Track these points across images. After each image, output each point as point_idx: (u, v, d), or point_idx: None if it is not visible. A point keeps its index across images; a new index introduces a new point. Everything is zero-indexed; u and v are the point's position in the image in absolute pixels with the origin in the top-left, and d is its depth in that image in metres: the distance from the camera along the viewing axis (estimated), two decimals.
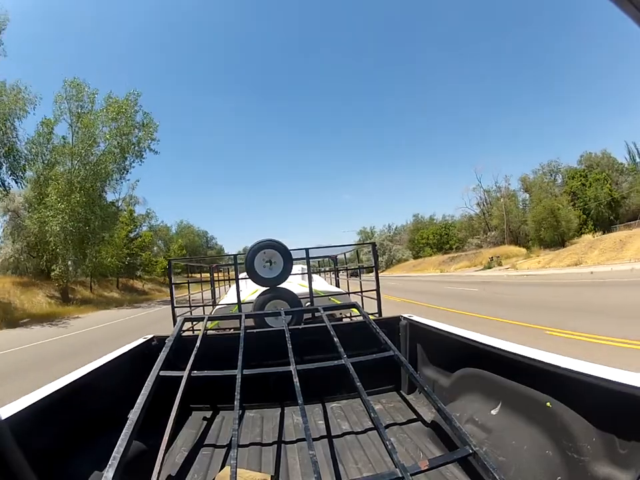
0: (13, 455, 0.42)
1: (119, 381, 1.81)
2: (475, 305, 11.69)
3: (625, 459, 0.99)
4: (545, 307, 12.05)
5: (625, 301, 10.68)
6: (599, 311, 9.71)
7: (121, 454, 1.10)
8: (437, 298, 14.69)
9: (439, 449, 1.59)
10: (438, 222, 56.22)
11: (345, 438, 1.77)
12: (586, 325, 7.75)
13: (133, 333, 4.85)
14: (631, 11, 0.44)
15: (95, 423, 1.54)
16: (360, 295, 3.81)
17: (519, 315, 9.83)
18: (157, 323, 12.65)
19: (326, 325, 2.17)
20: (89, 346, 9.13)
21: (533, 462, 1.21)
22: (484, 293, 16.50)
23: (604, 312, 9.49)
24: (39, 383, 1.44)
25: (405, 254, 59.67)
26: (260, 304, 3.14)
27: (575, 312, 10.28)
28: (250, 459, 1.61)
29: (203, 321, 2.50)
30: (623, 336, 6.15)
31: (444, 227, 54.16)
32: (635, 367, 1.73)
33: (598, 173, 35.12)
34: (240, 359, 1.81)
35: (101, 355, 1.87)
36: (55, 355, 8.56)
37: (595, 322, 8.06)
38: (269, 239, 3.24)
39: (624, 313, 8.98)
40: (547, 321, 8.69)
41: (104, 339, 10.10)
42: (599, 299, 11.95)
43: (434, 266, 48.44)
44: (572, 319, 9.09)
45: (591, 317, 9.14)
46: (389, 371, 2.21)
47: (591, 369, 1.14)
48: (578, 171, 37.12)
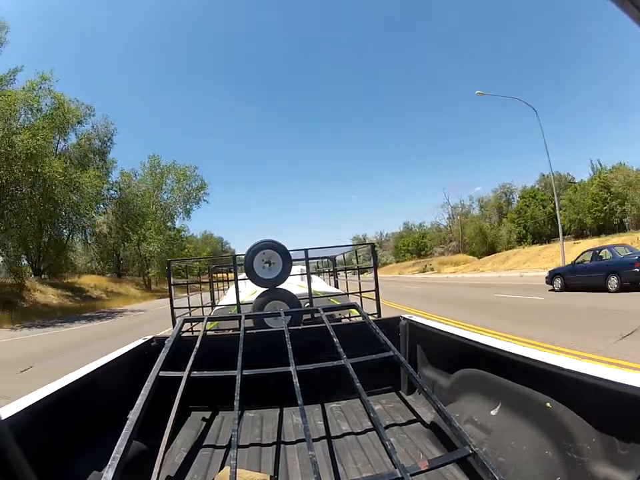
0: (12, 455, 0.42)
1: (119, 382, 1.81)
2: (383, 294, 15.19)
3: (624, 460, 0.99)
4: (425, 296, 16.25)
5: (481, 297, 13.70)
6: (454, 302, 12.61)
7: (120, 454, 1.10)
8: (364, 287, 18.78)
9: (439, 449, 1.59)
10: (424, 229, 63.68)
11: (344, 438, 1.77)
12: (438, 309, 10.35)
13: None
14: (631, 10, 0.44)
15: (95, 423, 1.54)
16: (358, 296, 3.81)
17: (398, 299, 13.24)
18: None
19: (325, 326, 2.17)
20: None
21: (533, 462, 1.21)
22: (399, 287, 21.53)
23: (457, 303, 12.29)
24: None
25: (389, 259, 67.12)
26: (259, 305, 3.14)
27: (437, 300, 14.02)
28: (249, 460, 1.61)
29: (202, 322, 2.50)
30: (463, 319, 8.16)
31: (421, 236, 62.34)
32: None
33: (543, 193, 41.09)
34: (239, 360, 1.81)
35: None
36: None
37: (446, 308, 10.62)
38: (268, 240, 3.24)
39: (476, 304, 11.63)
40: (413, 304, 12.06)
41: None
42: (465, 294, 15.44)
43: (399, 269, 55.47)
44: (430, 304, 12.30)
45: (445, 305, 11.98)
46: (389, 371, 2.21)
47: (590, 369, 1.14)
48: (527, 191, 43.62)
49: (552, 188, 33.19)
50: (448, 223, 56.37)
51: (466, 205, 51.32)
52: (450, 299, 14.01)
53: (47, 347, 9.31)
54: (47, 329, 13.79)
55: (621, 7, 0.45)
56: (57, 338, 11.33)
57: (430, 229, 60.92)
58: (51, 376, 1.59)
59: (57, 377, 1.50)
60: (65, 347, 9.17)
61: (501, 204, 46.91)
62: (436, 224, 58.93)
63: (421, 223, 64.09)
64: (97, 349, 6.88)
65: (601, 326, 6.57)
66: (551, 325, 7.13)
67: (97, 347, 8.15)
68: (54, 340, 10.77)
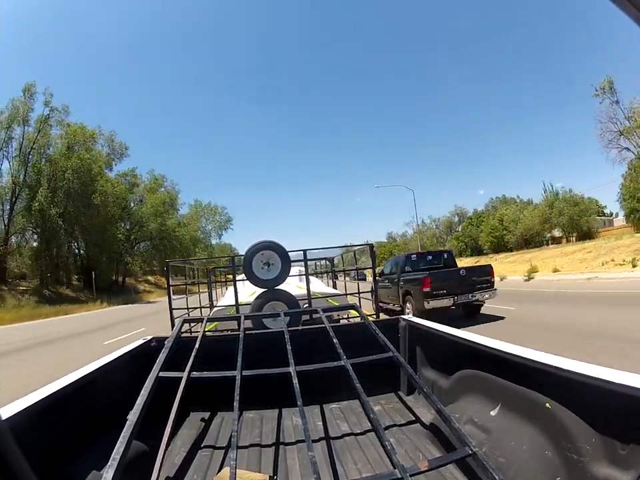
0: (12, 455, 0.42)
1: (119, 382, 1.81)
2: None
3: (624, 460, 0.99)
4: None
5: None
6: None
7: (120, 454, 1.10)
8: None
9: (439, 449, 1.58)
10: (406, 238, 67.10)
11: (344, 439, 1.77)
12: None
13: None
14: (631, 11, 0.44)
15: (95, 424, 1.54)
16: (356, 296, 3.81)
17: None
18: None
19: (325, 327, 2.17)
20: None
21: (533, 463, 1.21)
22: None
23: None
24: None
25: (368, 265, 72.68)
26: (258, 306, 3.13)
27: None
28: (249, 460, 1.61)
29: (202, 322, 2.50)
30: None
31: (394, 247, 65.96)
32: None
33: (483, 215, 50.03)
34: (239, 361, 1.80)
35: None
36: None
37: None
38: (266, 240, 3.24)
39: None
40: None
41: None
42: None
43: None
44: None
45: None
46: (388, 372, 2.21)
47: (590, 369, 1.14)
48: (475, 214, 53.23)
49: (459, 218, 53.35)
50: (412, 236, 64.15)
51: (427, 223, 59.84)
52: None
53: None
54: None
55: (620, 7, 0.46)
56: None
57: (402, 241, 67.33)
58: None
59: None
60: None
61: (451, 223, 57.77)
62: (404, 238, 66.37)
63: (403, 232, 68.96)
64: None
65: None
66: None
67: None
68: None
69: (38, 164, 28.32)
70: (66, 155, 28.62)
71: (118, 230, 34.46)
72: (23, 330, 13.97)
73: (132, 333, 9.99)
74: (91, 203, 29.24)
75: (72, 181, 28.14)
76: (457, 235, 53.59)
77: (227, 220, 50.71)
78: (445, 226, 57.87)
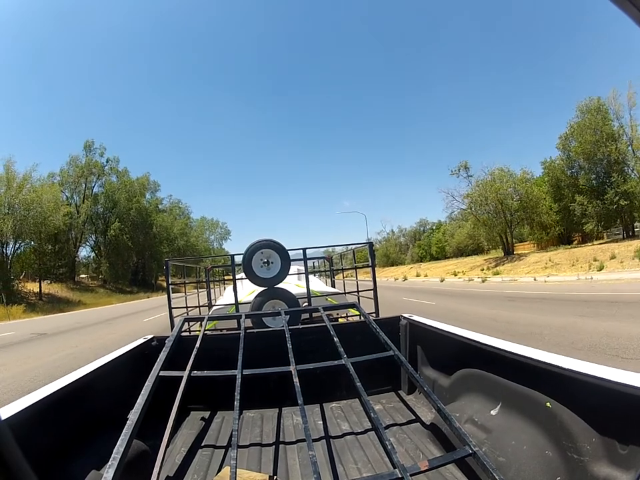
0: (12, 455, 0.42)
1: (119, 381, 1.81)
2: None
3: (624, 460, 0.99)
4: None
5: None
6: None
7: (120, 454, 1.10)
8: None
9: (439, 449, 1.58)
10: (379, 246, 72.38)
11: (344, 438, 1.77)
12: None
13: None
14: (631, 10, 0.44)
15: (95, 423, 1.54)
16: (356, 295, 3.80)
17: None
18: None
19: (325, 325, 2.17)
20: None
21: (533, 462, 1.20)
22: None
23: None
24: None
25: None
26: (258, 304, 3.13)
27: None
28: (249, 460, 1.61)
29: (202, 321, 2.49)
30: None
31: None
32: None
33: (442, 226, 56.34)
34: (240, 360, 1.80)
35: None
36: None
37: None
38: (266, 239, 3.23)
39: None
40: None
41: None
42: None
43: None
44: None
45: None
46: (389, 371, 2.21)
47: (590, 369, 1.14)
48: (436, 225, 60.20)
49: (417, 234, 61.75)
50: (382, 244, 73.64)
51: (395, 232, 69.01)
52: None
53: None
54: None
55: (620, 7, 0.46)
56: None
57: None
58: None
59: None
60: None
61: (417, 233, 66.71)
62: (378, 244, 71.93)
63: (375, 239, 75.23)
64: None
65: None
66: None
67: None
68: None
69: (106, 204, 43.26)
70: (127, 198, 43.61)
71: (163, 246, 49.78)
72: (100, 312, 21.91)
73: (163, 314, 13.03)
74: (149, 231, 46.41)
75: (135, 216, 43.88)
76: (419, 243, 63.25)
77: (226, 232, 64.12)
78: (410, 236, 67.23)
